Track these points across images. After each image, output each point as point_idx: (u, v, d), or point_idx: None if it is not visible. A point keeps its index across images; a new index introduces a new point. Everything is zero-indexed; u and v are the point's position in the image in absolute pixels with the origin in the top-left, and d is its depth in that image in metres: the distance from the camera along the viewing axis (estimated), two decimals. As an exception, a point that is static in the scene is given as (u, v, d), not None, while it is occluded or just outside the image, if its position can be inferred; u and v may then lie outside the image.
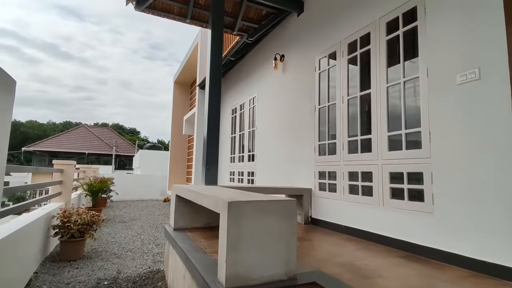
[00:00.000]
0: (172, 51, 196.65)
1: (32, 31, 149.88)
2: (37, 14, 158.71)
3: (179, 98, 12.19)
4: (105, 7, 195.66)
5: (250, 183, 5.95)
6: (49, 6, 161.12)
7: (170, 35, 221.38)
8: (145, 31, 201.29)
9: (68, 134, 39.15)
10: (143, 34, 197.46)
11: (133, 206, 10.34)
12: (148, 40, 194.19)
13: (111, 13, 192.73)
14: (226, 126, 7.53)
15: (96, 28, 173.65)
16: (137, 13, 4.78)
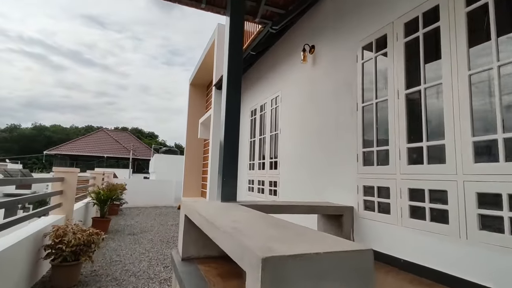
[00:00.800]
0: (190, 56, 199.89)
1: (58, 40, 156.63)
2: (63, 23, 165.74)
3: (195, 100, 11.64)
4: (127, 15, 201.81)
5: (272, 194, 5.21)
6: (74, 16, 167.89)
7: (189, 41, 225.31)
8: (164, 38, 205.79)
9: (88, 138, 39.84)
10: (162, 41, 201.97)
11: (146, 213, 9.81)
12: (167, 47, 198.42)
13: (132, 21, 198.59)
14: (245, 130, 6.83)
15: (118, 36, 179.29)
16: (157, 20, 4.22)
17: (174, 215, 9.54)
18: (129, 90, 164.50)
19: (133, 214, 9.49)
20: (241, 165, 6.75)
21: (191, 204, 2.58)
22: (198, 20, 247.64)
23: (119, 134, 44.03)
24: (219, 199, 2.98)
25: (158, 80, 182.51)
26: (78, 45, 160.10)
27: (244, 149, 6.78)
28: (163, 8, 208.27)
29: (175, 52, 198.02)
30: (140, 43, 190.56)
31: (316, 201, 3.60)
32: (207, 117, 8.33)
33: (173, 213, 10.07)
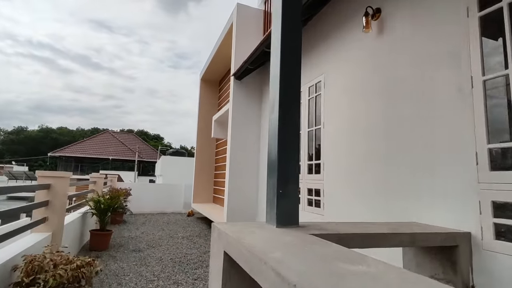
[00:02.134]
0: (196, 59, 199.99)
1: (66, 44, 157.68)
2: (71, 28, 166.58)
3: (206, 97, 10.64)
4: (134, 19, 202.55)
5: (312, 205, 4.14)
6: (83, 20, 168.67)
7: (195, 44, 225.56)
8: (171, 41, 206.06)
9: (93, 140, 39.21)
10: (168, 44, 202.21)
11: (153, 221, 8.79)
12: (173, 50, 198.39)
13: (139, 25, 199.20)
14: (270, 126, 5.79)
15: (125, 40, 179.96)
16: (163, 23, 3.22)
17: (184, 224, 8.50)
18: (136, 93, 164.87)
19: (139, 223, 8.47)
20: (262, 168, 5.69)
21: (236, 238, 1.52)
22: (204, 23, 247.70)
23: (124, 136, 43.35)
24: (272, 221, 1.91)
25: (165, 83, 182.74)
26: (86, 49, 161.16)
27: (270, 149, 5.72)
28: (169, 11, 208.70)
29: (181, 55, 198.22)
30: (147, 46, 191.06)
31: (401, 222, 2.51)
32: (222, 113, 7.31)
33: (182, 221, 9.04)
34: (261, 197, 5.93)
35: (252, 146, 6.15)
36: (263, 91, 6.31)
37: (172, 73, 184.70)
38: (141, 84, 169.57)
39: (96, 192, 6.02)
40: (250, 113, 6.22)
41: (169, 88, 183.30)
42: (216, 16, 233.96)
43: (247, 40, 6.36)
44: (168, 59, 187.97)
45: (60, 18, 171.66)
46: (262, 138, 6.15)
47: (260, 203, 5.93)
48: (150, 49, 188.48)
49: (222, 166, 9.18)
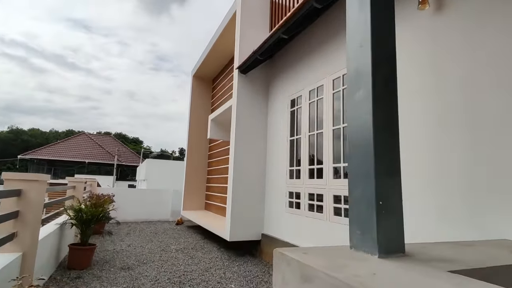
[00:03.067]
0: (178, 63, 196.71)
1: (41, 42, 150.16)
2: (47, 26, 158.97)
3: (199, 95, 9.91)
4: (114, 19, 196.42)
5: (341, 215, 3.55)
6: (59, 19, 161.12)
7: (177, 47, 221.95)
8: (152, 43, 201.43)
9: (68, 142, 37.00)
10: (149, 46, 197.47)
11: (139, 231, 7.91)
12: (155, 52, 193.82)
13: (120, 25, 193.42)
14: (280, 126, 5.19)
15: (104, 40, 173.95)
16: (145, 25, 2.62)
17: (175, 234, 7.69)
18: (114, 95, 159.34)
19: (123, 233, 7.57)
20: (274, 172, 5.10)
21: (342, 281, 0.89)
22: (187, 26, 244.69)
23: (102, 138, 41.32)
24: (367, 248, 1.29)
25: (145, 85, 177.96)
26: (62, 48, 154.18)
27: (280, 151, 5.12)
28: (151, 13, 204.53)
29: (163, 57, 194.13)
30: (127, 48, 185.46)
31: (496, 240, 1.96)
32: (221, 112, 6.64)
33: (172, 231, 8.20)
34: (269, 205, 5.29)
35: (258, 148, 5.52)
36: (269, 87, 5.71)
37: (153, 75, 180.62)
38: (120, 86, 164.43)
39: (77, 199, 5.15)
40: (256, 111, 5.60)
41: (149, 90, 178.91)
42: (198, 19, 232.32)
43: (253, 29, 5.76)
44: (149, 61, 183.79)
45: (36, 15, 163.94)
46: (269, 138, 5.53)
47: (268, 211, 5.29)
48: (130, 51, 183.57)
49: (217, 170, 8.47)
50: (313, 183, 4.14)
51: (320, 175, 4.02)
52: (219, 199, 8.02)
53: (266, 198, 5.40)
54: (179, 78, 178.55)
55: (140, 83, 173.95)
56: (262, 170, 5.51)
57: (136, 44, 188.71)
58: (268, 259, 4.94)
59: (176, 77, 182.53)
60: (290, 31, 4.11)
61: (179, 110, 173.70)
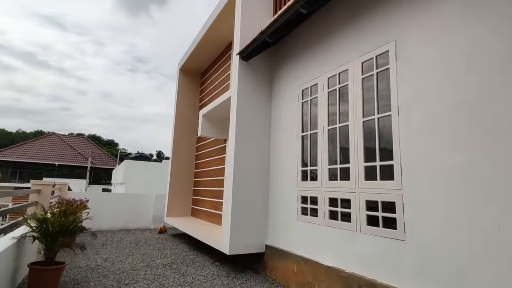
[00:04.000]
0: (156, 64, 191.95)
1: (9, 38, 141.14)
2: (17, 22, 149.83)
3: (186, 90, 9.06)
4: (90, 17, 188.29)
5: (379, 225, 2.91)
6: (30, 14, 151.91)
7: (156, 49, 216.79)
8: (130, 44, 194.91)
9: (36, 143, 34.48)
10: (127, 47, 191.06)
11: (117, 242, 6.92)
12: (132, 53, 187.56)
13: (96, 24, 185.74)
14: (288, 120, 4.52)
15: (78, 39, 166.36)
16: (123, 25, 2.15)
17: (158, 244, 6.78)
18: (88, 96, 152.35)
19: (98, 244, 6.57)
20: (282, 174, 4.42)
21: None
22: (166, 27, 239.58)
23: (74, 139, 38.97)
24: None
25: (121, 86, 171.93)
26: (33, 45, 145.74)
27: (287, 149, 4.44)
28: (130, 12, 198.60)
29: (140, 59, 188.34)
30: (102, 47, 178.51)
31: None
32: (215, 106, 5.87)
33: (154, 240, 7.28)
34: (274, 211, 4.59)
35: (261, 146, 4.81)
36: (274, 76, 5.03)
37: (130, 76, 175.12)
38: (95, 87, 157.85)
39: (41, 206, 4.18)
40: (258, 103, 4.89)
41: (126, 92, 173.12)
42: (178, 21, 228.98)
43: (257, 8, 5.07)
44: (126, 62, 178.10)
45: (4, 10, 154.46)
46: (273, 135, 4.84)
47: (273, 219, 4.57)
48: (106, 50, 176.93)
49: (207, 172, 7.66)
50: (336, 185, 3.48)
51: (346, 176, 3.36)
52: (210, 204, 7.20)
53: (270, 204, 4.69)
54: (157, 80, 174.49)
55: (116, 84, 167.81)
56: (265, 171, 4.80)
57: (112, 44, 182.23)
58: (276, 276, 4.21)
59: (154, 79, 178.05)
60: (312, 4, 3.45)
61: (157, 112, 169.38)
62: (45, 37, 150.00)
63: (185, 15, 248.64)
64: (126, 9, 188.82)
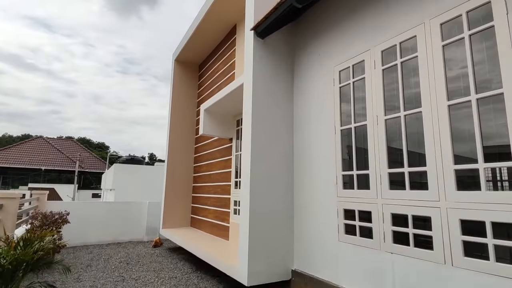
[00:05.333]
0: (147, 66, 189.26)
1: None
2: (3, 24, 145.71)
3: (182, 83, 8.02)
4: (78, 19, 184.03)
5: (479, 257, 1.96)
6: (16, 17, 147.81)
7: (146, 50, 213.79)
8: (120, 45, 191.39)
9: (21, 147, 32.81)
10: (117, 48, 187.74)
11: (104, 260, 5.85)
12: (122, 54, 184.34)
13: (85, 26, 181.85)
14: (320, 110, 3.54)
15: (67, 41, 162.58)
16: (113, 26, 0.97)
17: (155, 263, 5.72)
18: (78, 98, 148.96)
19: (81, 265, 5.49)
20: (306, 178, 3.44)
21: None
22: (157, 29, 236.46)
23: (62, 142, 37.32)
24: None
25: (111, 88, 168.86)
26: (20, 48, 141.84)
27: (320, 147, 3.46)
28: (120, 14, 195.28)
29: (131, 60, 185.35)
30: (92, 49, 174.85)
31: None
32: (221, 98, 4.88)
33: (149, 256, 6.22)
34: (303, 227, 3.60)
35: (283, 144, 3.83)
36: (297, 58, 4.07)
37: (120, 78, 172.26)
38: (84, 89, 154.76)
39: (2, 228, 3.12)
40: (278, 90, 3.91)
41: (116, 94, 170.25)
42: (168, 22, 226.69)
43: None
44: (116, 63, 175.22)
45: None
46: (298, 130, 3.87)
47: (301, 237, 3.59)
48: (96, 52, 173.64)
49: (210, 177, 6.64)
50: (402, 197, 2.51)
51: (419, 185, 2.41)
52: (213, 214, 6.19)
53: (297, 217, 3.70)
54: (148, 82, 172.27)
55: (106, 87, 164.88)
56: (288, 175, 3.82)
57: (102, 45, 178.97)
58: (310, 313, 3.24)
59: (145, 81, 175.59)
60: None
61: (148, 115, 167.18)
62: (33, 39, 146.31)
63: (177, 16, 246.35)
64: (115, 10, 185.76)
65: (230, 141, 5.81)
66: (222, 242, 5.37)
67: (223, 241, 5.48)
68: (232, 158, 5.64)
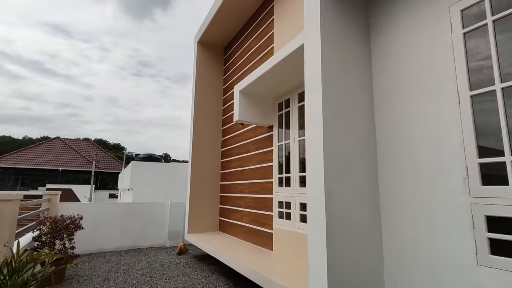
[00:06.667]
0: (161, 68, 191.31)
1: (16, 48, 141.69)
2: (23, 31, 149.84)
3: (207, 67, 7.08)
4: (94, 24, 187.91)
5: None
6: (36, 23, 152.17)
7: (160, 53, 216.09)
8: (134, 49, 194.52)
9: (39, 148, 32.92)
10: (131, 51, 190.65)
11: (124, 272, 4.97)
12: (136, 57, 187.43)
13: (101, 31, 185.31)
14: (423, 72, 2.48)
15: (84, 46, 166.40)
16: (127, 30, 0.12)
17: (182, 275, 4.79)
18: (95, 101, 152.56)
19: (98, 277, 4.62)
20: (399, 170, 2.35)
21: None
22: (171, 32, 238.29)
23: (78, 143, 37.34)
24: None
25: (127, 91, 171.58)
26: (40, 54, 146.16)
27: (426, 126, 2.40)
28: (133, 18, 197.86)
29: (145, 63, 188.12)
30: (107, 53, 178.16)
31: None
32: (265, 72, 3.87)
33: (175, 267, 5.31)
34: (398, 240, 2.54)
35: (361, 125, 2.79)
36: (370, 10, 3.02)
37: (135, 81, 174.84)
38: (101, 92, 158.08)
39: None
40: (350, 55, 2.87)
41: (131, 96, 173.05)
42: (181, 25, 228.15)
43: None
44: (131, 66, 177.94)
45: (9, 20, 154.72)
46: (379, 105, 2.82)
47: (396, 254, 2.53)
48: (111, 56, 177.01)
49: (240, 173, 5.67)
50: None
51: None
52: (249, 217, 5.21)
53: (387, 226, 2.65)
54: (162, 84, 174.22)
55: (121, 89, 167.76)
56: (370, 166, 2.77)
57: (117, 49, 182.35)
58: None
59: (159, 82, 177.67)
60: None
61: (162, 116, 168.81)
62: (52, 45, 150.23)
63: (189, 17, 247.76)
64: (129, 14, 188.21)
65: (270, 129, 4.81)
66: (264, 253, 4.37)
67: (265, 251, 4.48)
68: (273, 149, 4.64)
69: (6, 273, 1.79)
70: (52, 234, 4.55)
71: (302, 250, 3.66)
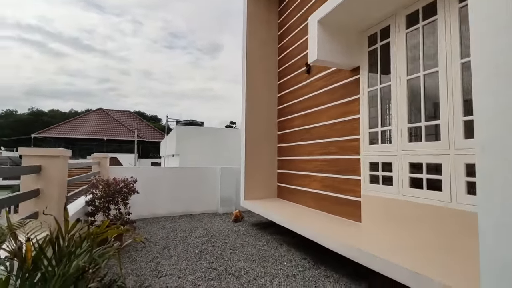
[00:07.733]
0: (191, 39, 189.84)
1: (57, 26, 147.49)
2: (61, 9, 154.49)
3: (259, 18, 6.04)
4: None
5: None
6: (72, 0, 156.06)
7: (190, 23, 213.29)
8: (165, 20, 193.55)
9: (84, 118, 34.49)
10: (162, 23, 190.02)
11: (181, 239, 4.51)
12: (167, 29, 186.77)
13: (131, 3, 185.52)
14: None
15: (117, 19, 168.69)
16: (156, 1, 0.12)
17: (247, 246, 4.20)
18: (131, 75, 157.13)
19: (156, 244, 4.20)
20: None
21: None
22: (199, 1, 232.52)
23: (120, 114, 38.58)
24: None
25: (160, 64, 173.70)
26: (78, 31, 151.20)
27: None
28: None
29: (176, 34, 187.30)
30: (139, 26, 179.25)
31: None
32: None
33: (234, 235, 4.76)
34: None
35: None
36: None
37: (167, 53, 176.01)
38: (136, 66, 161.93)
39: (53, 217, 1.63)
40: None
41: (165, 69, 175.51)
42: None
43: None
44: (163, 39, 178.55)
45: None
46: None
47: None
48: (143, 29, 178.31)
49: (306, 132, 4.79)
50: None
51: None
52: (321, 183, 4.40)
53: None
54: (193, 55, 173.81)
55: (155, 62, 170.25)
56: None
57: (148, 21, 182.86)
58: None
59: (190, 54, 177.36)
60: None
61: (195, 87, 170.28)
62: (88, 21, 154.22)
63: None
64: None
65: (354, 72, 3.81)
66: (351, 225, 3.58)
67: (350, 222, 3.69)
68: (360, 98, 3.67)
69: (51, 256, 1.15)
70: (106, 198, 4.12)
71: (416, 224, 2.80)
